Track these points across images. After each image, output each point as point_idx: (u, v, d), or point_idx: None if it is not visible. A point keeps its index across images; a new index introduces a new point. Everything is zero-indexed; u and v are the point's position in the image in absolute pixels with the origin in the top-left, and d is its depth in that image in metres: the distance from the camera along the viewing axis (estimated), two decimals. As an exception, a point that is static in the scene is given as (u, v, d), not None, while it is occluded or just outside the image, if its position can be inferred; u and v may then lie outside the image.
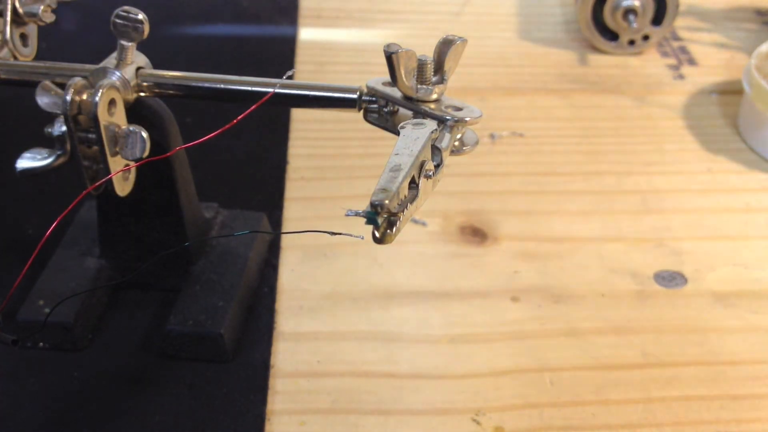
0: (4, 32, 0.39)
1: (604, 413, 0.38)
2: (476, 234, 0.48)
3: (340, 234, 0.29)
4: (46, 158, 0.36)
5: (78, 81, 0.35)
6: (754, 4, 0.74)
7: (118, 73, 0.37)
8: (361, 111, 0.37)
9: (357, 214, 0.27)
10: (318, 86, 0.37)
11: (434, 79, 0.34)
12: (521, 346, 0.42)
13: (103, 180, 0.36)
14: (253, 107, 0.36)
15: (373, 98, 0.36)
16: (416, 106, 0.34)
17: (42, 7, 0.39)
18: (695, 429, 0.38)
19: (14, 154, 0.37)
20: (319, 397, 0.39)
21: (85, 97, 0.35)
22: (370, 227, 0.27)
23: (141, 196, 0.39)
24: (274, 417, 0.38)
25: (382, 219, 0.27)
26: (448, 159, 0.32)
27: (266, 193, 0.51)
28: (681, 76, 0.64)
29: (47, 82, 0.36)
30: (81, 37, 0.67)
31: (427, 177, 0.29)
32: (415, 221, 0.49)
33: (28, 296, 0.41)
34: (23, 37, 0.40)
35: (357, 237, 0.29)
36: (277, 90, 0.37)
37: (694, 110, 0.60)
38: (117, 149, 0.36)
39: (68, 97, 0.35)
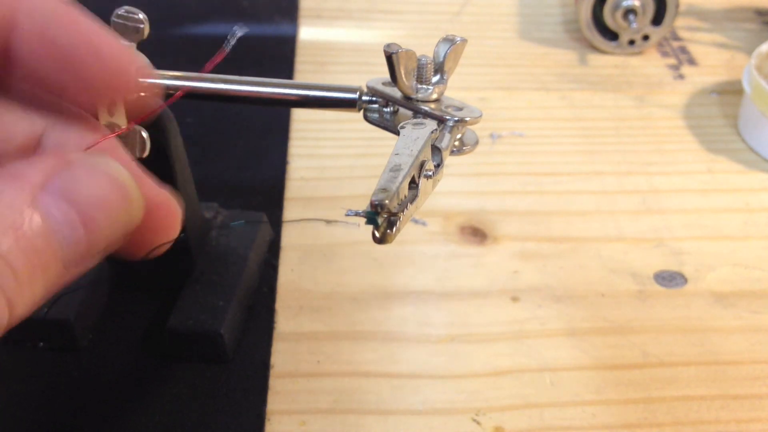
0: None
1: (604, 413, 0.38)
2: (476, 234, 0.48)
3: (336, 222, 0.28)
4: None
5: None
6: (754, 4, 0.74)
7: (118, 73, 0.36)
8: (361, 111, 0.37)
9: (357, 214, 0.27)
10: (318, 86, 0.37)
11: (434, 79, 0.34)
12: (521, 346, 0.42)
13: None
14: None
15: (373, 98, 0.36)
16: (416, 106, 0.34)
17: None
18: (695, 429, 0.38)
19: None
20: (319, 397, 0.39)
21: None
22: (370, 227, 0.27)
23: (141, 196, 0.39)
24: (274, 417, 0.38)
25: (382, 219, 0.27)
26: (448, 159, 0.32)
27: (266, 193, 0.51)
28: (681, 76, 0.64)
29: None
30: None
31: (427, 177, 0.29)
32: (415, 221, 0.49)
33: (28, 296, 0.41)
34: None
35: (354, 214, 0.28)
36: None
37: (694, 110, 0.60)
38: (117, 149, 0.36)
39: (68, 97, 0.35)
